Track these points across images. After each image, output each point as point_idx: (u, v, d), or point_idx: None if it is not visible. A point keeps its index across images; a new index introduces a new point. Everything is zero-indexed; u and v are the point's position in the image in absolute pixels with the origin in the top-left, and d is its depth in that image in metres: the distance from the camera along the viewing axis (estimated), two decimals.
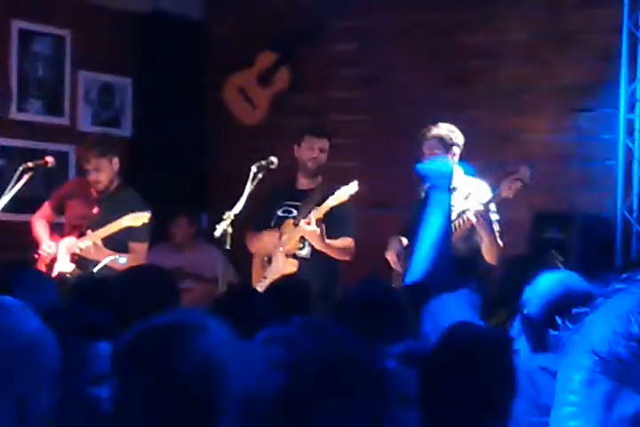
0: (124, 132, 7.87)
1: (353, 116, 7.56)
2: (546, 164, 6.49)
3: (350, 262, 5.75)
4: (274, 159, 5.56)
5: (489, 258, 5.37)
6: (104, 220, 5.76)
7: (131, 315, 3.03)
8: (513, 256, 5.44)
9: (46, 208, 6.10)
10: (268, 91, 7.92)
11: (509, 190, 5.19)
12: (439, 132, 5.51)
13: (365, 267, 5.25)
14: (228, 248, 5.39)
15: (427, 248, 5.12)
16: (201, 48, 8.13)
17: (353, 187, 5.50)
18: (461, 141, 5.56)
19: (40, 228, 6.02)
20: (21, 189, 5.67)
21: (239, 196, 5.42)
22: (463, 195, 5.49)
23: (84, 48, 7.58)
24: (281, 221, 5.83)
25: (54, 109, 7.50)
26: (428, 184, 5.32)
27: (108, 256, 5.60)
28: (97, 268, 5.57)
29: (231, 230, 5.32)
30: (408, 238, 5.61)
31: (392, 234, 5.77)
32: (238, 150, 7.51)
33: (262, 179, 5.49)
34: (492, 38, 7.02)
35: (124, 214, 5.66)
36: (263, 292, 4.63)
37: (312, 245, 5.62)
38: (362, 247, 5.72)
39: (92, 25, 7.58)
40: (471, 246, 5.42)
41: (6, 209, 5.74)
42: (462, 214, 5.35)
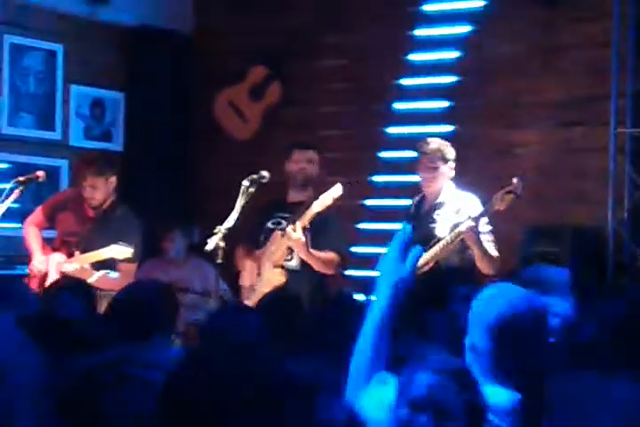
0: (116, 146, 7.88)
1: (342, 131, 7.58)
2: (537, 177, 6.51)
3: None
4: (265, 173, 5.55)
5: (483, 269, 5.38)
6: (94, 240, 5.76)
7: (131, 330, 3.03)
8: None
9: (39, 215, 6.08)
10: (260, 105, 7.94)
11: (502, 203, 5.20)
12: (438, 146, 5.56)
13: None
14: (220, 262, 5.39)
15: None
16: (192, 63, 8.15)
17: (337, 190, 5.47)
18: (454, 156, 5.61)
19: (32, 238, 5.99)
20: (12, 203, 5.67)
21: (231, 210, 5.41)
22: (454, 209, 5.50)
23: (76, 62, 7.60)
24: (270, 233, 5.83)
25: (46, 124, 7.51)
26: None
27: (99, 272, 5.62)
28: (89, 281, 5.58)
29: (223, 244, 5.31)
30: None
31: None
32: (229, 164, 7.52)
33: (254, 193, 5.48)
34: (482, 53, 7.06)
35: (114, 237, 5.65)
36: (254, 306, 4.63)
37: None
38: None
39: (84, 40, 7.61)
40: (464, 258, 5.44)
41: None
42: (454, 229, 5.36)
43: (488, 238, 5.41)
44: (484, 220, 5.36)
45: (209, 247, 5.32)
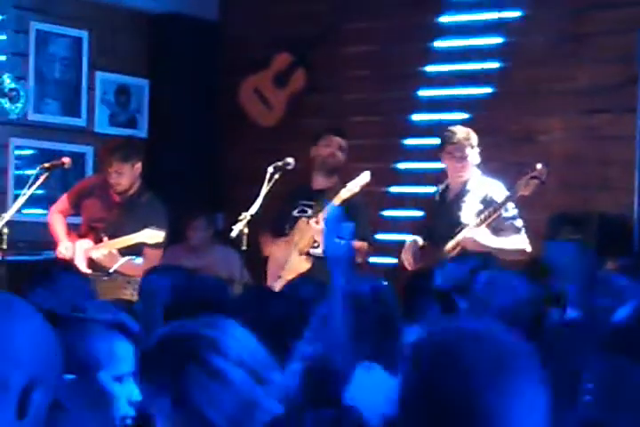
0: (141, 133, 7.90)
1: (368, 117, 7.57)
2: (563, 164, 6.49)
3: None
4: (290, 160, 5.56)
5: (512, 258, 5.39)
6: (121, 225, 5.78)
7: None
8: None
9: (64, 202, 6.10)
10: (284, 92, 7.93)
11: (526, 188, 5.19)
12: (465, 135, 5.54)
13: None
14: (245, 249, 5.40)
15: None
16: (217, 49, 8.15)
17: (365, 177, 5.47)
18: (477, 141, 5.60)
19: (58, 225, 6.01)
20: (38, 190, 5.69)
21: (256, 196, 5.42)
22: (480, 196, 5.49)
23: (102, 49, 7.61)
24: (295, 221, 5.84)
25: (71, 110, 7.53)
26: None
27: (123, 258, 5.64)
28: (113, 268, 5.61)
29: (247, 231, 5.32)
30: (423, 239, 5.62)
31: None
32: (254, 151, 7.52)
33: (279, 179, 5.49)
34: (508, 40, 7.03)
35: (142, 221, 5.67)
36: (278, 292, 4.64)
37: None
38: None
39: (110, 26, 7.63)
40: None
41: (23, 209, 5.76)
42: (479, 215, 5.35)
43: (515, 224, 5.41)
44: (511, 205, 5.35)
45: (233, 234, 5.34)
